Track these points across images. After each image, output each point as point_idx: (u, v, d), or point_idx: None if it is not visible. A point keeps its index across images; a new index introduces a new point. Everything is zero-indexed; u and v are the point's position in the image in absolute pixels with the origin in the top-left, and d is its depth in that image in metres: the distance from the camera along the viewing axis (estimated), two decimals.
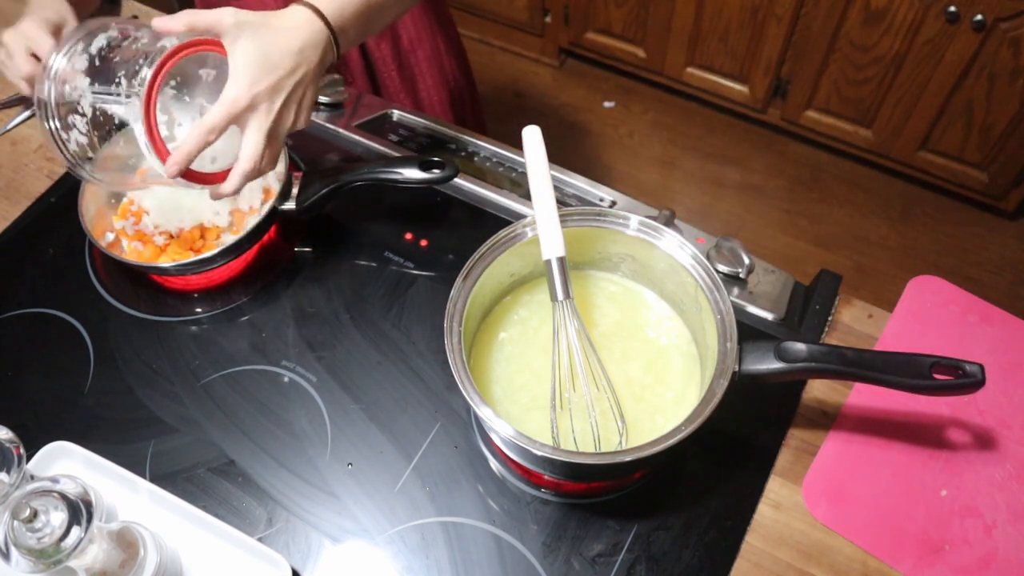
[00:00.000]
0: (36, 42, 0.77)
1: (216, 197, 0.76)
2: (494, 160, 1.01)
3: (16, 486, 0.65)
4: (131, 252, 0.90)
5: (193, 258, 0.85)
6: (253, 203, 0.92)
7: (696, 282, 0.73)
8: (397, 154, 1.02)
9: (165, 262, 0.87)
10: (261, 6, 0.98)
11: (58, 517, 0.61)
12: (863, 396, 0.82)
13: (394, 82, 1.18)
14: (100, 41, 0.75)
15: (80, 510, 0.62)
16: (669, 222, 0.89)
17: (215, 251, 0.85)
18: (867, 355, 0.68)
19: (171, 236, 0.91)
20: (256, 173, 0.75)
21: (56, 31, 0.78)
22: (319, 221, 0.95)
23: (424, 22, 1.17)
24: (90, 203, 0.90)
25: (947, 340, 0.86)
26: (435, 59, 1.19)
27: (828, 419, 0.81)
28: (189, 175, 0.74)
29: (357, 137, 1.04)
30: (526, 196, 0.90)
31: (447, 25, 1.22)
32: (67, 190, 0.98)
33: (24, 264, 0.94)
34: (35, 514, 0.60)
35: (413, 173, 0.87)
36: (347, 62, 1.16)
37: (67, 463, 0.77)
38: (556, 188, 0.96)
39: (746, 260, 0.89)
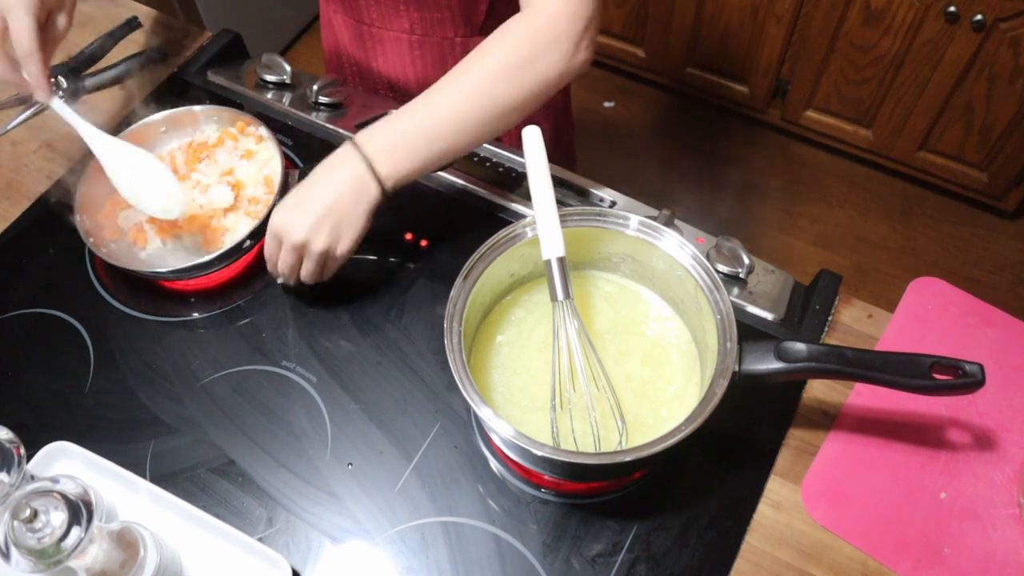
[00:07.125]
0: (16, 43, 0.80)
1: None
2: (494, 160, 1.01)
3: (16, 486, 0.65)
4: (133, 241, 0.91)
5: (193, 262, 0.85)
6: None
7: (696, 282, 0.73)
8: None
9: (162, 266, 0.87)
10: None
11: (58, 517, 0.61)
12: (863, 396, 0.82)
13: None
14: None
15: (80, 510, 0.62)
16: (669, 222, 0.89)
17: (213, 255, 0.85)
18: (867, 355, 0.68)
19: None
20: (282, 272, 0.83)
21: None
22: None
23: None
24: (87, 206, 0.90)
25: (947, 342, 0.86)
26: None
27: (828, 419, 0.81)
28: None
29: None
30: (526, 196, 0.90)
31: None
32: (67, 190, 0.98)
33: (24, 264, 0.94)
34: (35, 514, 0.60)
35: None
36: None
37: (67, 463, 0.77)
38: (556, 188, 0.96)
39: (746, 260, 0.89)
